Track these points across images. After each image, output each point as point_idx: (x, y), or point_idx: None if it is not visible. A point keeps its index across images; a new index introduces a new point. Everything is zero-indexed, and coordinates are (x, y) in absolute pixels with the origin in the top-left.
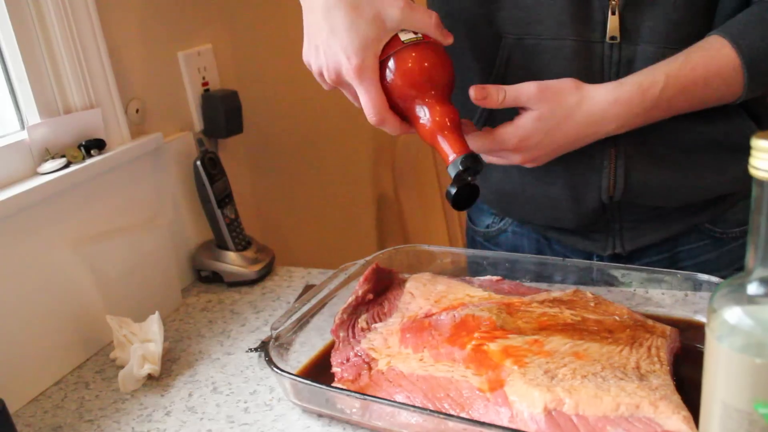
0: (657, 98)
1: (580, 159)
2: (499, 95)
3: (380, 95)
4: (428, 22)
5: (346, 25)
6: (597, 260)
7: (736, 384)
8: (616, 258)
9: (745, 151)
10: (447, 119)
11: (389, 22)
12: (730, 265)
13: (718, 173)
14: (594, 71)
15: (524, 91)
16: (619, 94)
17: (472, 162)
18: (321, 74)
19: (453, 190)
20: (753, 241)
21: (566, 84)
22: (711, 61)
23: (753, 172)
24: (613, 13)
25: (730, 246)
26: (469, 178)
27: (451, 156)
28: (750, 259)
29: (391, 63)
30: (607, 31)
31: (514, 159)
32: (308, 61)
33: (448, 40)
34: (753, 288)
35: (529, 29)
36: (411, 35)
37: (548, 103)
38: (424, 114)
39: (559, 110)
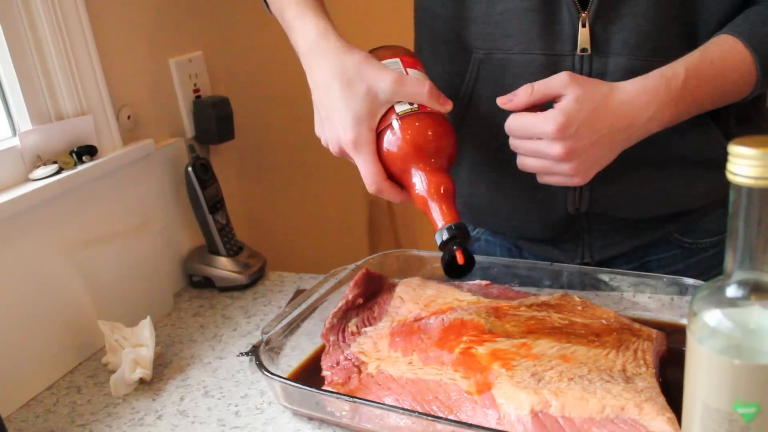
0: (680, 89)
1: None
2: (527, 90)
3: (376, 166)
4: (420, 92)
5: (341, 101)
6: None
7: (716, 385)
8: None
9: (715, 165)
10: (439, 188)
11: (381, 95)
12: (699, 275)
13: (686, 188)
14: None
15: (555, 78)
16: (645, 84)
17: (458, 231)
18: (327, 146)
19: (444, 258)
20: (731, 245)
21: (593, 77)
22: (726, 56)
23: (730, 177)
24: (584, 26)
25: (700, 256)
26: (455, 248)
27: (440, 223)
28: (729, 262)
29: (386, 135)
30: (578, 43)
31: (555, 150)
32: (318, 133)
33: (446, 107)
34: (732, 291)
35: (498, 44)
36: (406, 106)
37: (582, 87)
38: (417, 181)
39: (595, 94)
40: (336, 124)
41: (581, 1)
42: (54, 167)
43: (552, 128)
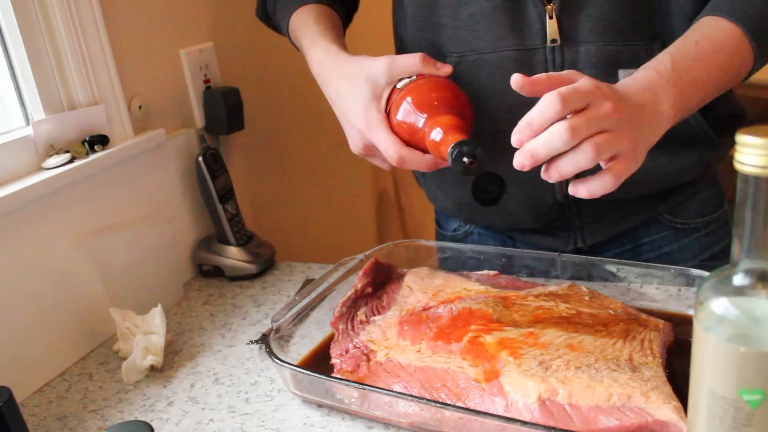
0: (671, 71)
1: None
2: (542, 75)
3: (391, 137)
4: (413, 63)
5: (349, 97)
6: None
7: (722, 372)
8: (577, 252)
9: (696, 140)
10: (446, 124)
11: (380, 78)
12: (695, 256)
13: (670, 164)
14: None
15: (566, 71)
16: (635, 77)
17: (463, 145)
18: (355, 150)
19: (459, 171)
20: (738, 234)
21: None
22: (711, 34)
23: (738, 166)
24: (551, 18)
25: (693, 236)
26: (466, 160)
27: (445, 150)
28: (735, 251)
29: (394, 110)
30: (547, 35)
31: (606, 108)
32: (350, 146)
33: (444, 69)
34: (738, 279)
35: (470, 46)
36: (406, 80)
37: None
38: (427, 131)
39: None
40: (352, 119)
41: None
42: (66, 156)
43: (590, 84)
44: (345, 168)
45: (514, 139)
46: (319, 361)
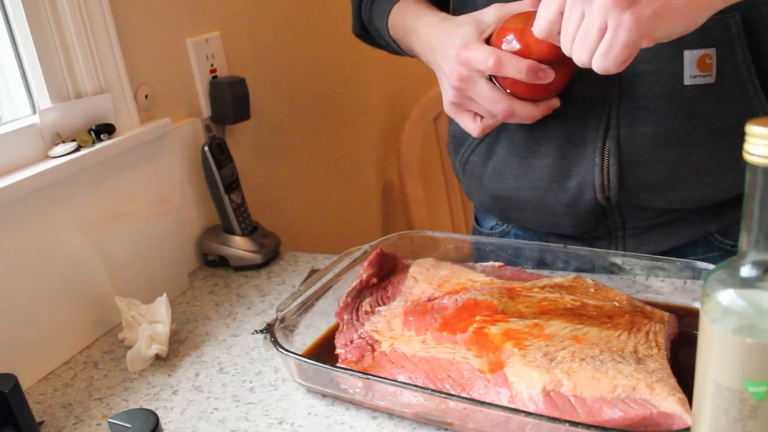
0: None
1: (571, 157)
2: None
3: (488, 47)
4: (524, 3)
5: (452, 34)
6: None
7: (728, 364)
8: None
9: None
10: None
11: (487, 17)
12: None
13: (725, 169)
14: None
15: None
16: None
17: None
18: (451, 86)
19: None
20: (746, 226)
21: None
22: None
23: (746, 157)
24: None
25: None
26: None
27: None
28: (743, 242)
29: (495, 40)
30: None
31: (626, 18)
32: (445, 100)
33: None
34: (746, 271)
35: None
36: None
37: None
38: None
39: None
40: (449, 51)
41: None
42: (73, 145)
43: None
44: (351, 159)
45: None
46: (323, 351)
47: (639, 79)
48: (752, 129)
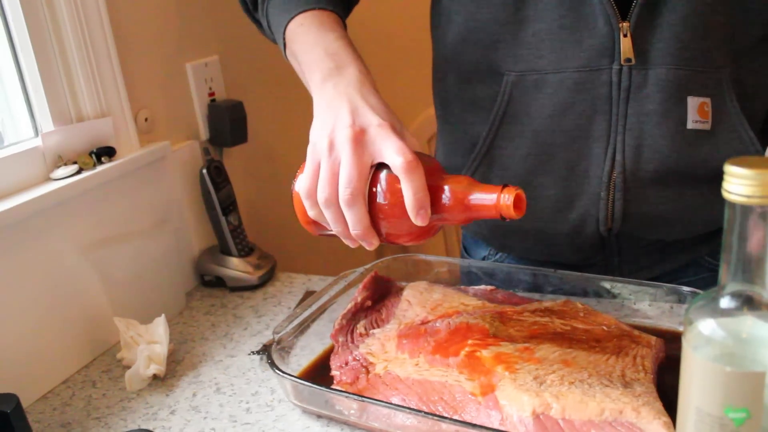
0: None
1: (575, 189)
2: None
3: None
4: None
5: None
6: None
7: (708, 390)
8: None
9: None
10: (464, 182)
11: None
12: None
13: (720, 208)
14: (600, 100)
15: None
16: None
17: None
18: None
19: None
20: (725, 259)
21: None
22: None
23: (725, 195)
24: (625, 36)
25: None
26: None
27: (495, 197)
28: (723, 274)
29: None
30: (620, 54)
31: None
32: (317, 131)
33: None
34: (725, 302)
35: (531, 65)
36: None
37: None
38: (444, 197)
39: None
40: (373, 111)
41: (620, 11)
42: (74, 167)
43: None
44: None
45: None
46: (319, 373)
47: (647, 118)
48: (730, 168)
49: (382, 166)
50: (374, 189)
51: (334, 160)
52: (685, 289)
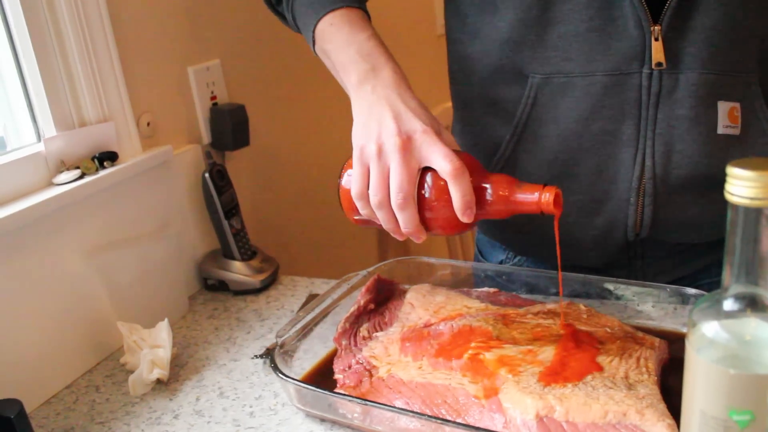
0: None
1: (602, 194)
2: None
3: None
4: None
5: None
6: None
7: (712, 393)
8: None
9: None
10: (505, 181)
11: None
12: None
13: None
14: (629, 104)
15: None
16: None
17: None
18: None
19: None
20: (729, 261)
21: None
22: None
23: (728, 197)
24: (657, 40)
25: None
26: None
27: (536, 195)
28: (726, 277)
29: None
30: (651, 59)
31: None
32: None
33: None
34: (729, 304)
35: (557, 68)
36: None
37: None
38: (489, 196)
39: None
40: (418, 114)
41: (651, 14)
42: (77, 172)
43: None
44: None
45: None
46: (322, 376)
47: (677, 123)
48: (732, 170)
49: (427, 167)
50: (422, 191)
51: (383, 165)
52: (689, 290)
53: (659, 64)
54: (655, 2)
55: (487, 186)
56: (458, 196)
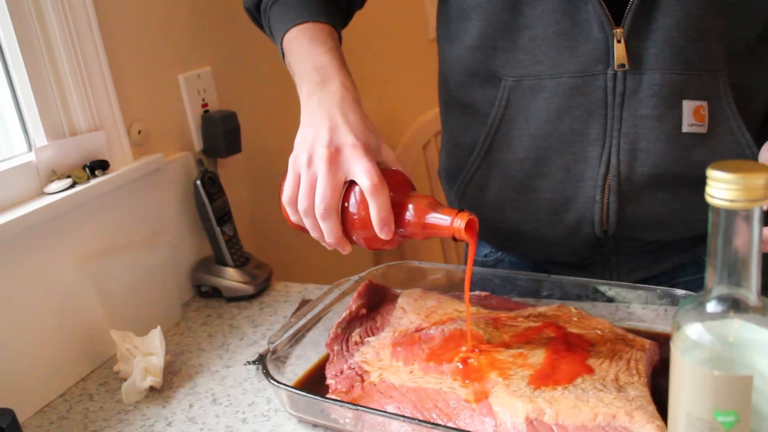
0: None
1: (570, 192)
2: None
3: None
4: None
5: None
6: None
7: (697, 395)
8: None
9: None
10: (425, 201)
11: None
12: None
13: None
14: (595, 104)
15: None
16: None
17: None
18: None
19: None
20: (711, 263)
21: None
22: None
23: (709, 199)
24: (619, 42)
25: None
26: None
27: (450, 219)
28: (709, 279)
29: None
30: (614, 60)
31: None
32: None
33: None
34: (712, 306)
35: (527, 70)
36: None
37: None
38: (408, 215)
39: None
40: (350, 130)
41: (613, 17)
42: (68, 181)
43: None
44: None
45: None
46: (314, 382)
47: (642, 122)
48: (712, 173)
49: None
50: (347, 203)
51: (311, 175)
52: (679, 291)
53: (622, 65)
54: (618, 5)
55: (407, 205)
56: (374, 211)
